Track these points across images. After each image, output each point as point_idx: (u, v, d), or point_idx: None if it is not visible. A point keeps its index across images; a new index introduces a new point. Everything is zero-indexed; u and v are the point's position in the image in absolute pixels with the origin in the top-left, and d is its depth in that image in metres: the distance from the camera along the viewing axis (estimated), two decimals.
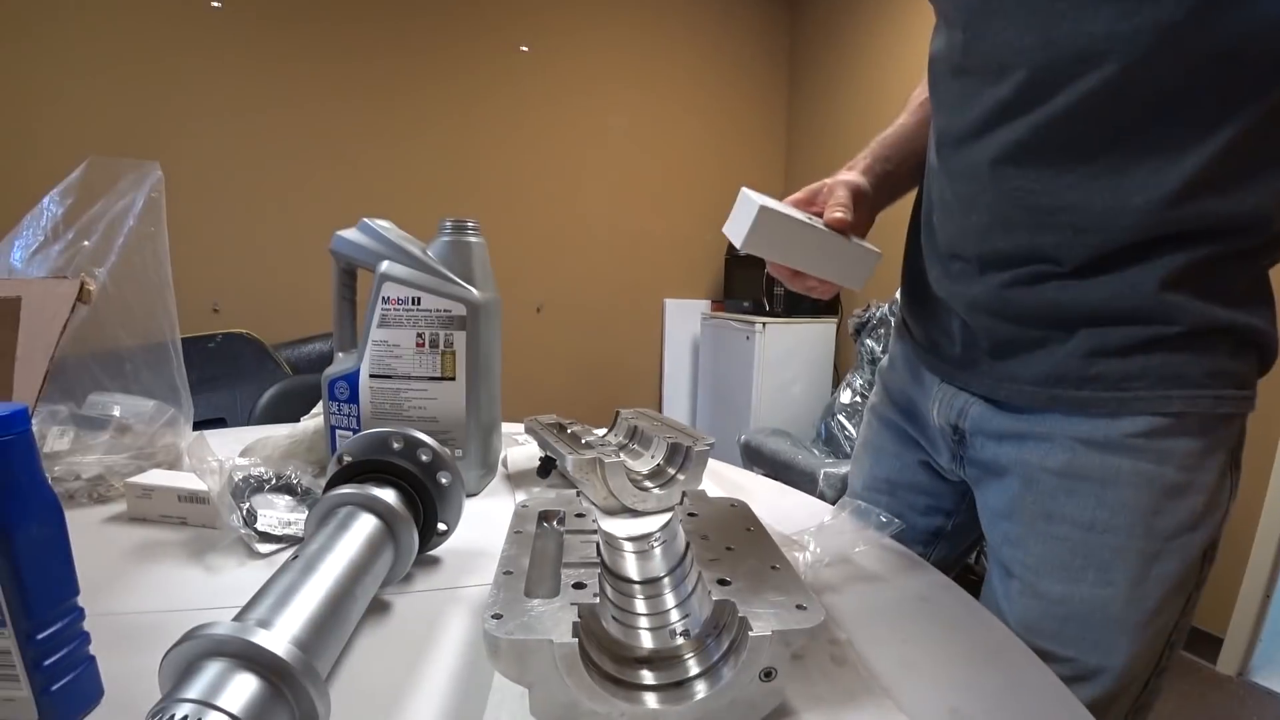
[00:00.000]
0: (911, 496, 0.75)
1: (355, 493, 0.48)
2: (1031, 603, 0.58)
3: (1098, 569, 0.55)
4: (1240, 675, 1.88)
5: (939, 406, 0.67)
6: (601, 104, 3.17)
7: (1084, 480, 0.55)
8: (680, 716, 0.35)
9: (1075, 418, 0.55)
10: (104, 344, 0.70)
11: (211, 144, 2.47)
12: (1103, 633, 0.55)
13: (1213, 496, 0.54)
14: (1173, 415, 0.52)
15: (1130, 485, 0.53)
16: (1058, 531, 0.56)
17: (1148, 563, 0.54)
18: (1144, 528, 0.54)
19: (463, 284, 0.71)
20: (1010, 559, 0.60)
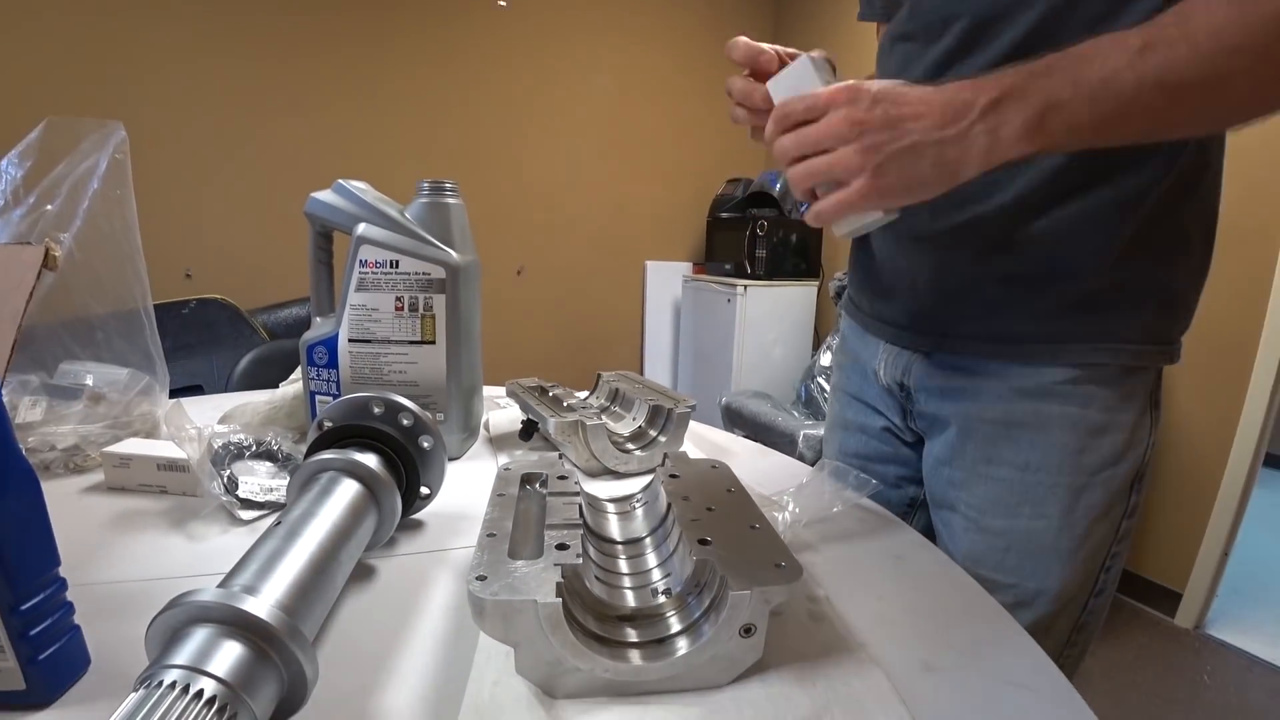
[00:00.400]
0: (882, 468, 0.78)
1: (337, 458, 0.48)
2: (976, 538, 0.64)
3: (1033, 504, 0.61)
4: (1197, 628, 1.96)
5: (885, 366, 0.72)
6: (583, 62, 3.10)
7: (1019, 427, 0.61)
8: (662, 672, 0.36)
9: (1011, 368, 0.61)
10: (73, 312, 0.68)
11: (178, 103, 2.38)
12: (1039, 560, 0.61)
13: (1133, 434, 0.60)
14: (1098, 366, 0.58)
15: (1059, 428, 0.59)
16: (997, 473, 0.62)
17: (1076, 495, 0.60)
18: (1071, 465, 0.59)
19: (442, 246, 0.70)
20: (955, 500, 0.66)
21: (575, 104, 3.12)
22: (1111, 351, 0.58)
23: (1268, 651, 1.84)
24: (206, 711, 0.26)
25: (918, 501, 0.78)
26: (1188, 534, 1.96)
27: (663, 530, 0.47)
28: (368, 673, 0.38)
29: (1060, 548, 0.61)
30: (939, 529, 0.70)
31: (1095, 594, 0.64)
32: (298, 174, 2.57)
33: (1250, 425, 1.81)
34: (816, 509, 0.58)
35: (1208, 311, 0.62)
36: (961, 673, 0.40)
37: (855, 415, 0.81)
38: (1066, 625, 0.64)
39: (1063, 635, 0.65)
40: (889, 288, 0.71)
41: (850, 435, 0.82)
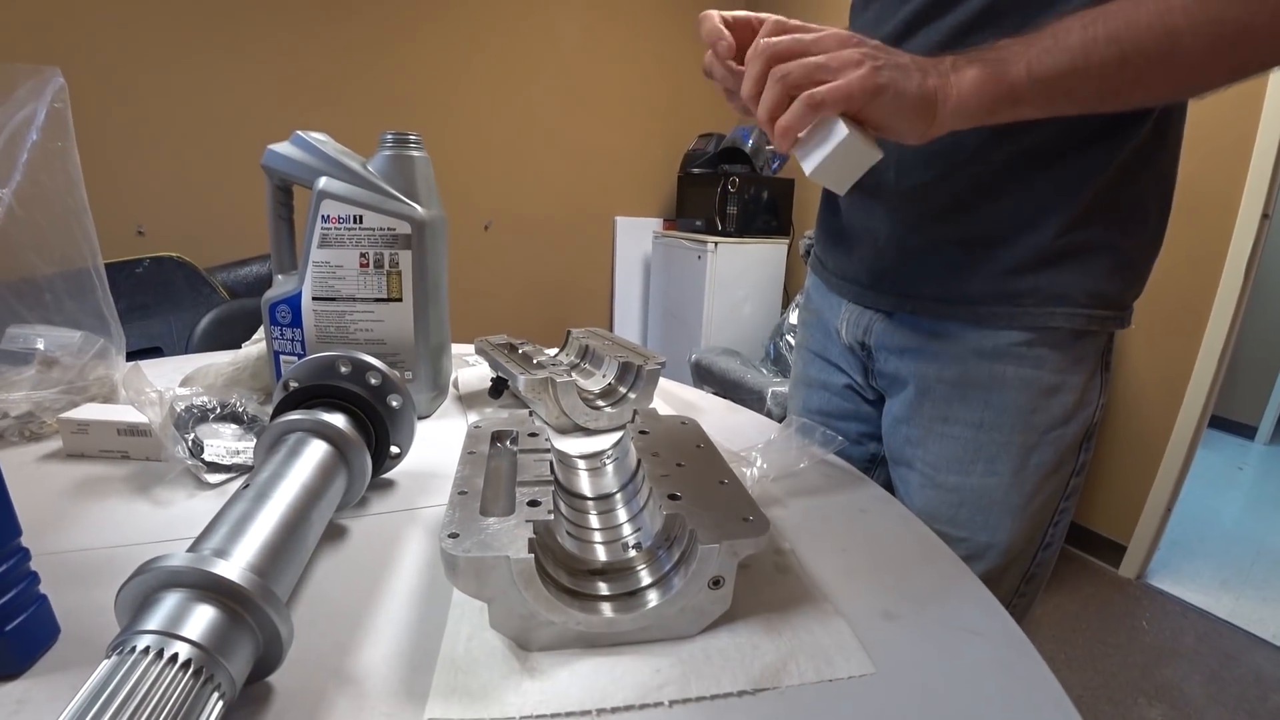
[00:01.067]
0: (844, 425, 0.79)
1: (304, 418, 0.47)
2: (931, 493, 0.66)
3: (986, 461, 0.63)
4: (1139, 579, 2.07)
5: (847, 325, 0.74)
6: (551, 10, 3.00)
7: (974, 387, 0.63)
8: (633, 624, 0.37)
9: (969, 329, 0.63)
10: (17, 272, 0.65)
11: (121, 48, 2.25)
12: (990, 514, 0.64)
13: (1083, 395, 0.63)
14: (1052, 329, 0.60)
15: (1013, 389, 0.62)
16: (952, 432, 0.65)
17: (1027, 453, 0.62)
18: (1024, 424, 0.62)
19: (406, 201, 0.69)
20: (912, 457, 0.68)
21: (543, 54, 3.03)
22: (1065, 315, 0.60)
23: (1201, 599, 1.96)
24: (182, 675, 0.26)
25: (878, 458, 0.80)
26: (1134, 490, 2.05)
27: (633, 486, 0.47)
28: (343, 632, 0.38)
29: (1010, 503, 0.64)
30: (897, 485, 0.72)
31: (1043, 547, 0.68)
32: (255, 124, 2.46)
33: (1198, 388, 1.88)
34: (784, 465, 0.59)
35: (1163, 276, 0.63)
36: (919, 620, 0.42)
37: (818, 373, 0.83)
38: (1016, 576, 0.67)
39: (1013, 585, 0.68)
40: (852, 245, 0.72)
41: (814, 392, 0.84)
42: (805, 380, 0.86)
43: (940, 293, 0.64)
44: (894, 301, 0.68)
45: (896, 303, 0.68)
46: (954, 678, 0.37)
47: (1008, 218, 0.59)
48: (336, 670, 0.35)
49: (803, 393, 0.86)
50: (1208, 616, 1.89)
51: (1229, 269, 1.79)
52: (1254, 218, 1.73)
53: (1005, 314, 0.61)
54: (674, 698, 0.34)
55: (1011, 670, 0.38)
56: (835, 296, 0.77)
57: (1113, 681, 1.63)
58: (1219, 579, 2.07)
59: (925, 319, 0.66)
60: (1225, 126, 1.75)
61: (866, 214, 0.69)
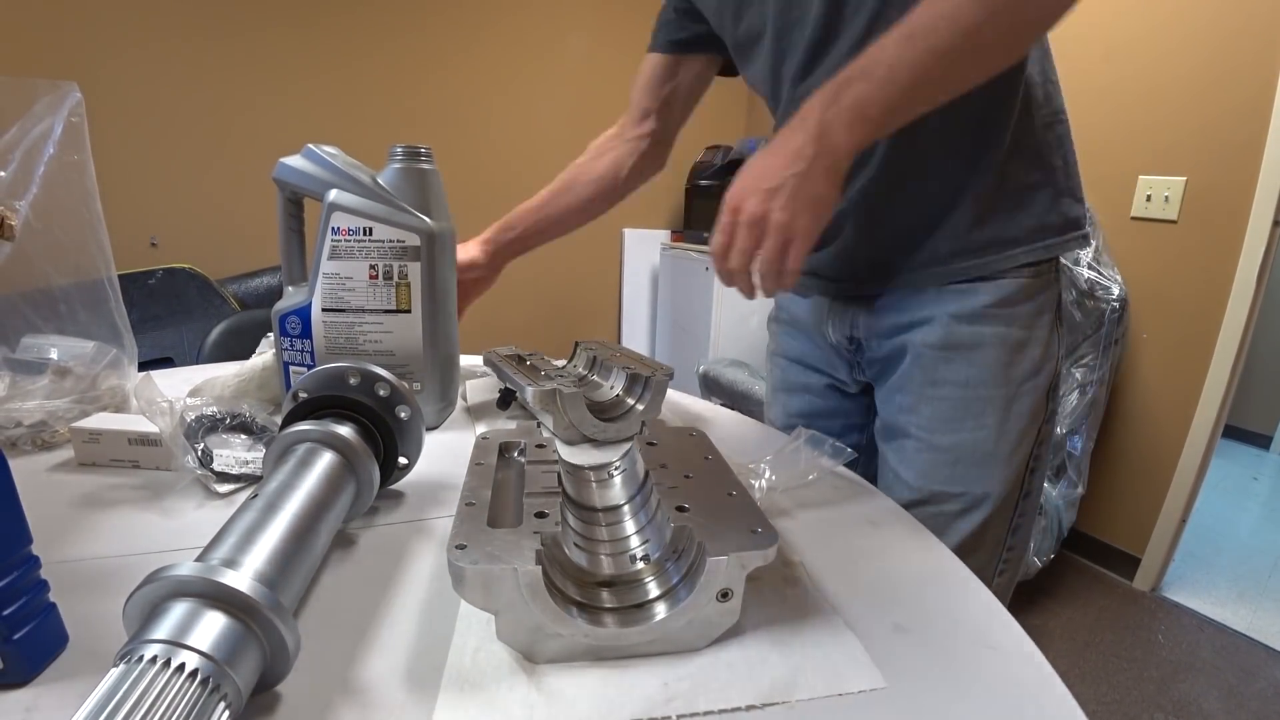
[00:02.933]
0: (826, 424, 0.84)
1: (313, 429, 0.47)
2: (928, 455, 0.71)
3: (974, 417, 0.69)
4: (1153, 591, 2.04)
5: (832, 326, 0.79)
6: (559, 24, 3.02)
7: (957, 349, 0.69)
8: (641, 636, 0.37)
9: (945, 293, 0.70)
10: (33, 283, 0.66)
11: (137, 63, 2.29)
12: (982, 467, 0.70)
13: (1046, 348, 0.70)
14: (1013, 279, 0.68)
15: (991, 347, 0.68)
16: (941, 393, 0.70)
17: (1008, 404, 0.69)
18: (1003, 378, 0.68)
19: (416, 213, 0.69)
20: (906, 424, 0.73)
21: (552, 68, 3.06)
22: (1026, 251, 0.68)
23: (1217, 612, 1.93)
24: (189, 684, 0.26)
25: (860, 446, 0.83)
26: (1148, 501, 2.03)
27: (641, 497, 0.47)
28: (350, 642, 0.38)
29: (999, 453, 0.69)
30: (891, 460, 0.75)
31: (1024, 496, 0.73)
32: (266, 138, 2.49)
33: (1211, 397, 1.86)
34: (792, 476, 0.59)
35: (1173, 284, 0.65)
36: (930, 634, 0.41)
37: (798, 377, 0.88)
38: (1001, 528, 0.72)
39: (999, 539, 0.73)
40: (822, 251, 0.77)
41: (794, 397, 0.89)
42: (785, 386, 0.90)
43: (912, 263, 0.70)
44: (874, 285, 0.74)
45: (875, 285, 0.74)
46: (966, 692, 0.36)
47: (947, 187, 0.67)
48: (343, 681, 0.35)
49: (782, 399, 0.91)
50: (1225, 629, 1.86)
51: (1240, 276, 1.77)
52: (1265, 224, 1.72)
53: (974, 266, 0.68)
54: (682, 711, 0.33)
55: (1024, 684, 0.37)
56: (816, 298, 0.82)
57: (1128, 696, 1.61)
58: (1236, 591, 2.04)
59: (903, 291, 0.72)
60: (1234, 132, 1.74)
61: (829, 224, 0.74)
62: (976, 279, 0.69)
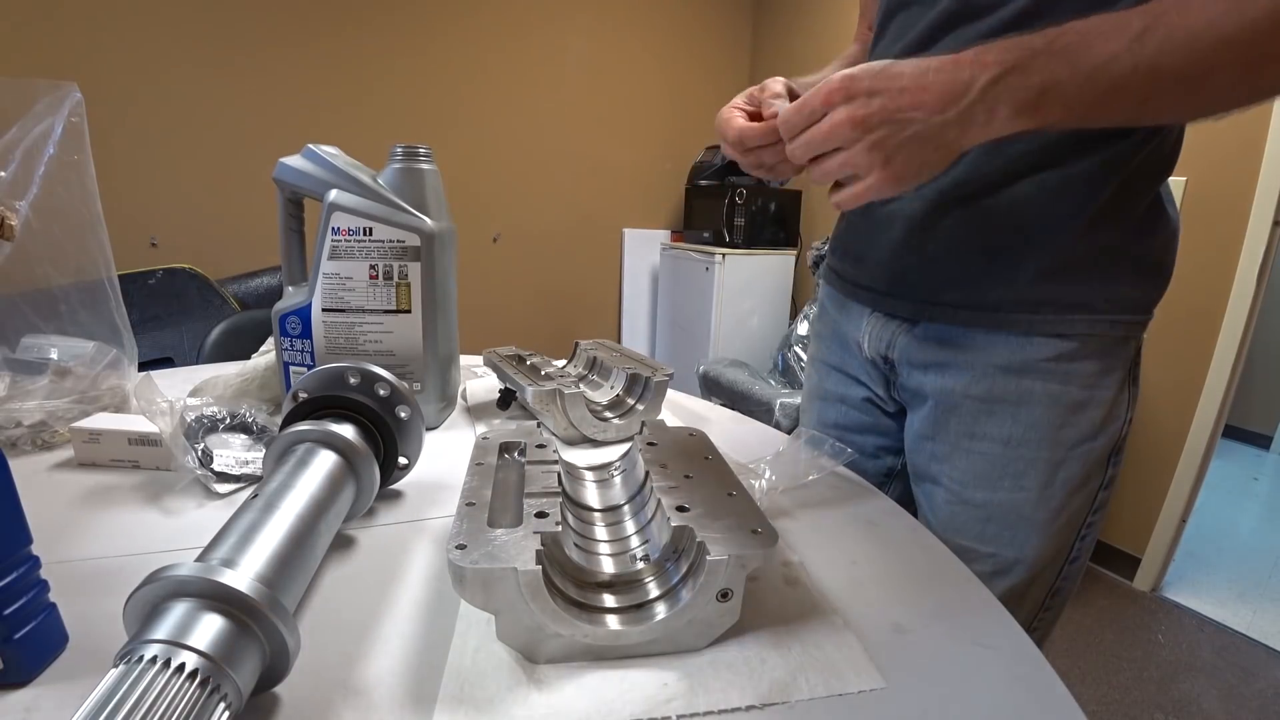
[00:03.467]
0: (861, 439, 0.78)
1: (313, 429, 0.47)
2: (958, 509, 0.66)
3: (1013, 477, 0.63)
4: (1154, 591, 2.04)
5: (869, 339, 0.72)
6: (559, 25, 3.02)
7: (1001, 403, 0.62)
8: (641, 636, 0.37)
9: (993, 337, 0.62)
10: (33, 283, 0.66)
11: (136, 63, 2.29)
12: (1017, 530, 0.63)
13: (1111, 409, 0.62)
14: (1076, 339, 0.60)
15: (1040, 404, 0.61)
16: (979, 448, 0.64)
17: (1054, 469, 0.62)
18: (1051, 440, 0.61)
19: (416, 213, 0.69)
20: (938, 473, 0.67)
21: (552, 68, 3.06)
22: (1087, 321, 0.59)
23: (1217, 612, 1.93)
24: (189, 685, 0.26)
25: (895, 471, 0.78)
26: (1148, 501, 2.03)
27: (641, 497, 0.47)
28: (350, 642, 0.38)
29: (1037, 519, 0.63)
30: (920, 500, 0.71)
31: (1070, 561, 0.66)
32: (266, 138, 2.49)
33: (1212, 397, 1.86)
34: (792, 476, 0.58)
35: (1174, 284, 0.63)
36: (930, 634, 0.41)
37: (835, 386, 0.81)
38: (1041, 591, 0.66)
39: (1038, 600, 0.67)
40: (872, 252, 0.71)
41: (829, 406, 0.82)
42: (820, 394, 0.84)
43: (960, 299, 0.63)
44: (913, 308, 0.67)
45: (916, 309, 0.66)
46: (965, 692, 0.36)
47: (1027, 220, 0.59)
48: (343, 681, 0.35)
49: (817, 407, 0.84)
50: (1225, 630, 1.86)
51: (1240, 276, 1.78)
52: (1265, 224, 1.72)
53: (1024, 321, 0.60)
54: (681, 712, 0.33)
55: (1024, 685, 0.37)
56: (856, 307, 0.74)
57: (1128, 696, 1.61)
58: (1236, 591, 2.04)
59: (946, 325, 0.65)
60: (1235, 132, 1.74)
61: (886, 220, 0.68)
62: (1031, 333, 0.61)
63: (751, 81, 3.65)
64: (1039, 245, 0.59)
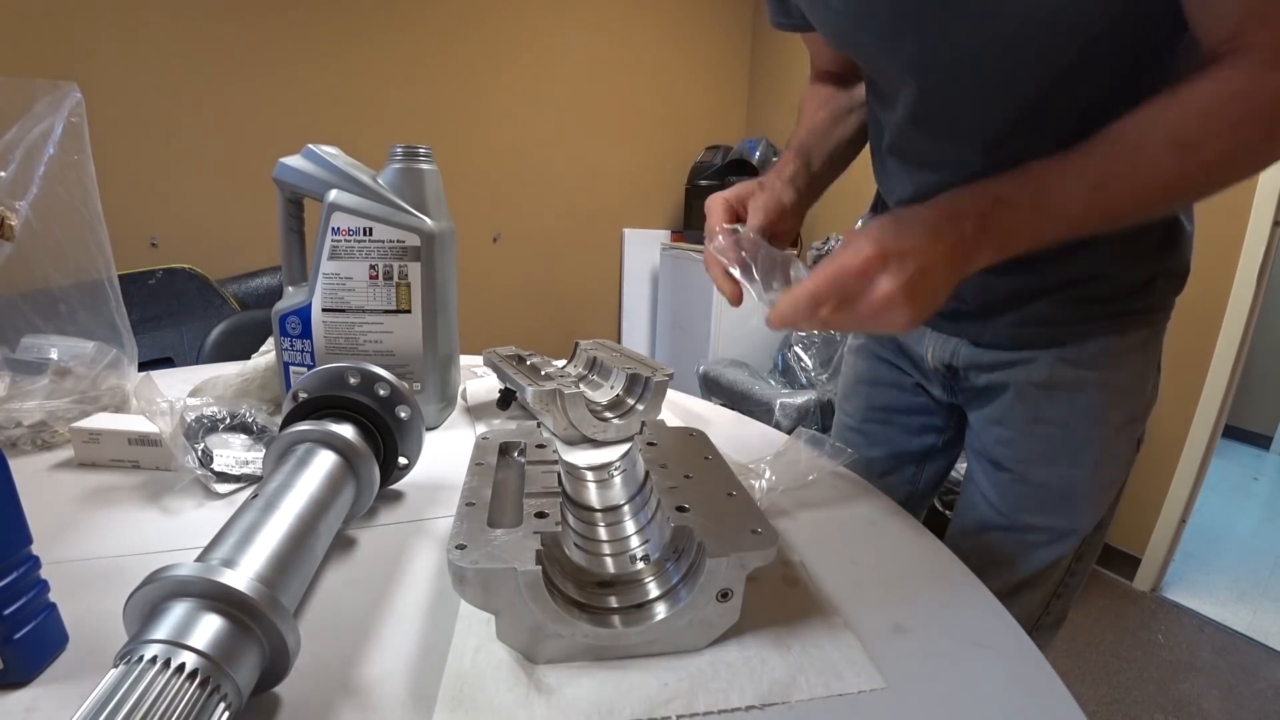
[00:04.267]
0: (907, 419, 0.84)
1: (313, 429, 0.47)
2: (1021, 488, 0.71)
3: (1071, 455, 0.69)
4: (1153, 591, 2.04)
5: (933, 351, 0.76)
6: (559, 24, 3.02)
7: (1060, 389, 0.68)
8: (641, 636, 0.37)
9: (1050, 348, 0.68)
10: (33, 283, 0.66)
11: (136, 63, 2.29)
12: (1073, 503, 0.70)
13: (1148, 395, 0.70)
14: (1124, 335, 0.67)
15: (1095, 390, 0.67)
16: (1042, 431, 0.69)
17: (1105, 447, 0.69)
18: (1103, 421, 0.68)
19: (416, 213, 0.69)
20: (1002, 456, 0.72)
21: (551, 68, 3.06)
22: (1136, 323, 0.67)
23: (1218, 612, 1.93)
24: (189, 685, 0.26)
25: (934, 449, 0.84)
26: (1148, 501, 2.02)
27: (641, 497, 0.47)
28: (350, 642, 0.38)
29: (1091, 492, 0.70)
30: (981, 482, 0.75)
31: (1097, 527, 0.73)
32: (266, 138, 2.49)
33: (1212, 397, 1.86)
34: (793, 477, 0.58)
35: None
36: (930, 634, 0.41)
37: (886, 372, 0.85)
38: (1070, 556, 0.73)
39: (1066, 566, 0.74)
40: None
41: (879, 391, 0.86)
42: (869, 379, 0.87)
43: (1016, 320, 0.68)
44: (974, 331, 0.71)
45: (977, 332, 0.71)
46: (966, 692, 0.36)
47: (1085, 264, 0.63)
48: (343, 681, 0.35)
49: (865, 391, 0.88)
50: (1225, 630, 1.86)
51: (1240, 276, 1.78)
52: (1265, 224, 1.72)
53: (1080, 332, 0.66)
54: (681, 712, 0.33)
55: (1024, 684, 0.37)
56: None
57: (1128, 696, 1.61)
58: (1236, 591, 2.04)
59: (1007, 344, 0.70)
60: None
61: None
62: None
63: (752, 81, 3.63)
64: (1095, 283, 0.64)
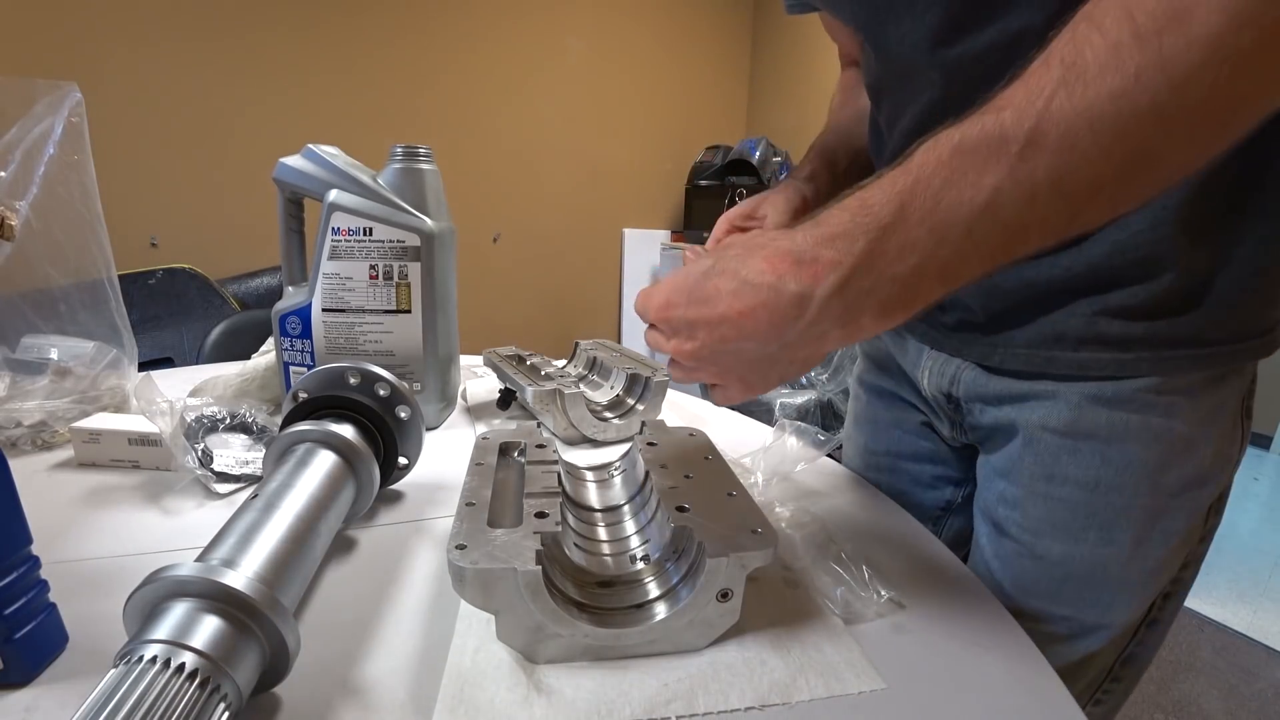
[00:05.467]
0: (916, 468, 0.69)
1: (313, 429, 0.47)
2: (1028, 564, 0.54)
3: (1100, 529, 0.51)
4: None
5: (929, 376, 0.61)
6: (559, 25, 3.02)
7: (1088, 439, 0.50)
8: (641, 636, 0.37)
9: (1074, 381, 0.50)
10: (33, 283, 0.66)
11: (136, 63, 2.29)
12: (1103, 592, 0.53)
13: (1223, 449, 0.51)
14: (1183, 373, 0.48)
15: (1137, 441, 0.49)
16: (1059, 493, 0.52)
17: (1152, 520, 0.50)
18: (1150, 485, 0.50)
19: (416, 213, 0.69)
20: (1006, 519, 0.56)
21: (552, 68, 3.06)
22: (1190, 359, 0.47)
23: (1218, 613, 1.93)
24: (189, 685, 0.26)
25: (954, 505, 0.68)
26: None
27: (641, 497, 0.47)
28: (350, 642, 0.38)
29: (1129, 579, 0.52)
30: (981, 544, 0.59)
31: (1148, 625, 0.56)
32: (266, 138, 2.49)
33: None
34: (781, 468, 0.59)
35: None
36: (929, 634, 0.41)
37: (887, 410, 0.71)
38: (1110, 657, 0.56)
39: (1105, 667, 0.57)
40: None
41: (880, 433, 0.72)
42: (870, 418, 0.73)
43: (1033, 337, 0.51)
44: (982, 351, 0.55)
45: (983, 353, 0.55)
46: (966, 692, 0.36)
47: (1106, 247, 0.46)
48: (343, 681, 0.35)
49: (866, 432, 0.73)
50: (1225, 630, 1.86)
51: None
52: None
53: (1113, 362, 0.48)
54: (681, 713, 0.33)
55: (1024, 684, 0.37)
56: (911, 341, 0.63)
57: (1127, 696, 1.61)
58: (1236, 591, 2.04)
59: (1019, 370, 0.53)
60: None
61: None
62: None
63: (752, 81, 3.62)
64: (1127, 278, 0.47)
